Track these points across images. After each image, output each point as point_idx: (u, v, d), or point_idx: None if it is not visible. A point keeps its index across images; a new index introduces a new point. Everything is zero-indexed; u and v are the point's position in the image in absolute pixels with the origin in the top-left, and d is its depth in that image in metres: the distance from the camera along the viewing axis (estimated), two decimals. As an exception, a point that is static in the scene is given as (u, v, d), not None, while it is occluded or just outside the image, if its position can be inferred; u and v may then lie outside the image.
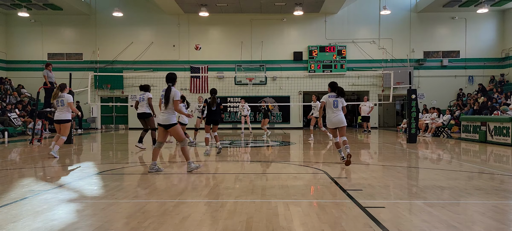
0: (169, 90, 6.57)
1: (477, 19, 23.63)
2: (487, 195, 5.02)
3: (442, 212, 4.15)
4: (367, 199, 4.73)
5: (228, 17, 24.19)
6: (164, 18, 24.15)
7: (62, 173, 6.96)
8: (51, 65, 13.45)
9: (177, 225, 3.72)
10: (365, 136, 16.98)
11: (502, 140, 12.11)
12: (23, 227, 3.68)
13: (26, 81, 23.42)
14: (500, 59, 23.74)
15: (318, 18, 24.19)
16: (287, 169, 7.42)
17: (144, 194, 5.07)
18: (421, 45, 24.04)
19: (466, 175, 6.64)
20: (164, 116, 6.64)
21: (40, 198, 4.89)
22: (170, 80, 6.71)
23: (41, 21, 24.16)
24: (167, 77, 6.72)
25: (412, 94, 13.13)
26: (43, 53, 24.35)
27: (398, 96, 24.09)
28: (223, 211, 4.21)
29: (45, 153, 10.05)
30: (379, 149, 11.33)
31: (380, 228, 3.62)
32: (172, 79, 6.73)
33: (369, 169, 7.25)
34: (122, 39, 24.08)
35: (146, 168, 7.47)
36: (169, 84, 6.66)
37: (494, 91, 20.65)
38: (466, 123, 14.57)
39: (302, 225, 3.72)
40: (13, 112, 18.22)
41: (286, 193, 5.09)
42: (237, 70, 23.83)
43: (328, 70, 23.94)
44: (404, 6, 23.98)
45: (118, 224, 3.79)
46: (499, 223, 3.84)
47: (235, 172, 7.00)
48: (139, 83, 23.92)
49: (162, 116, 6.67)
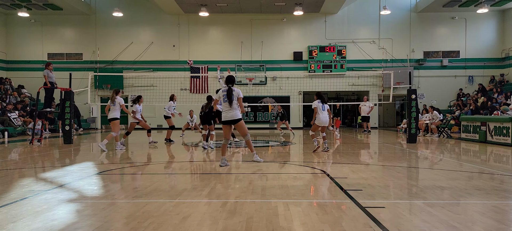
0: (231, 90, 7.33)
1: (477, 19, 23.63)
2: (487, 195, 5.02)
3: (442, 212, 4.15)
4: (367, 199, 4.72)
5: (228, 17, 24.19)
6: (164, 18, 24.16)
7: (62, 173, 6.96)
8: (51, 65, 13.43)
9: (177, 225, 3.72)
10: (365, 136, 16.98)
11: (502, 140, 12.11)
12: (23, 227, 3.68)
13: (26, 81, 23.42)
14: (500, 59, 23.74)
15: (318, 18, 24.19)
16: (287, 169, 7.42)
17: (144, 194, 5.07)
18: (421, 45, 24.05)
19: (466, 175, 6.64)
20: (230, 112, 7.38)
21: (40, 198, 4.89)
22: (231, 82, 7.45)
23: (41, 21, 24.17)
24: (228, 79, 7.47)
25: (412, 94, 13.13)
26: (43, 53, 24.36)
27: (398, 96, 24.09)
28: (223, 211, 4.21)
29: (45, 153, 10.05)
30: (379, 149, 11.33)
31: (380, 228, 3.62)
32: (232, 81, 7.49)
33: (369, 169, 7.25)
34: (122, 39, 24.09)
35: (145, 168, 7.47)
36: (229, 85, 7.38)
37: (494, 91, 20.65)
38: (466, 123, 14.57)
39: (302, 225, 3.72)
40: (14, 113, 18.21)
41: (286, 193, 5.09)
42: (237, 70, 23.83)
43: (328, 70, 23.95)
44: (404, 6, 23.99)
45: (118, 224, 3.78)
46: (499, 223, 3.84)
47: (235, 172, 7.00)
48: (139, 83, 24.06)
49: (227, 113, 7.41)
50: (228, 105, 7.37)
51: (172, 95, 14.31)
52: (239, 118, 7.44)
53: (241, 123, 7.47)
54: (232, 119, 7.40)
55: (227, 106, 7.39)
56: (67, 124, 12.92)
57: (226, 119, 7.43)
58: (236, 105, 7.37)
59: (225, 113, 7.43)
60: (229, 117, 7.39)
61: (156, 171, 7.30)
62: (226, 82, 7.46)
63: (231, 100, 7.32)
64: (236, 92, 7.37)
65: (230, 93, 7.33)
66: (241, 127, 7.50)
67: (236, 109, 7.39)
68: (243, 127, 7.52)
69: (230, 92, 7.33)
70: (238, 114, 7.42)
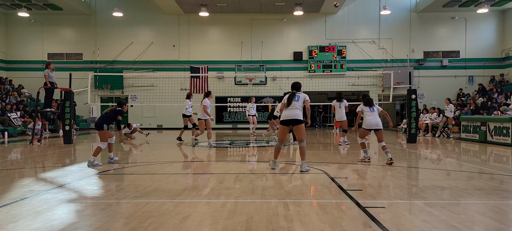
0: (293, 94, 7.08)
1: (477, 19, 23.63)
2: (487, 195, 5.02)
3: (442, 212, 4.15)
4: (367, 199, 4.73)
5: (228, 17, 24.19)
6: (164, 18, 24.16)
7: (62, 173, 6.96)
8: (51, 65, 13.41)
9: (177, 225, 3.72)
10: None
11: (502, 140, 12.11)
12: (23, 227, 3.68)
13: (26, 81, 23.41)
14: (500, 59, 23.74)
15: (318, 18, 24.19)
16: (287, 169, 7.42)
17: (144, 194, 5.07)
18: (421, 45, 24.05)
19: (466, 175, 6.64)
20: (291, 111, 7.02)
21: (40, 198, 4.89)
22: (296, 88, 7.22)
23: (41, 21, 24.16)
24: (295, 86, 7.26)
25: (412, 94, 13.12)
26: (43, 53, 24.35)
27: (398, 96, 24.09)
28: (223, 211, 4.21)
29: (45, 153, 10.05)
30: (379, 149, 11.31)
31: (380, 228, 3.62)
32: (298, 87, 7.25)
33: (369, 169, 7.25)
34: (122, 39, 24.08)
35: (145, 168, 7.47)
36: (294, 91, 7.16)
37: (494, 92, 20.64)
38: (466, 123, 14.56)
39: (302, 225, 3.72)
40: (14, 113, 18.21)
41: (286, 193, 5.09)
42: (237, 70, 23.84)
43: (328, 70, 23.95)
44: (404, 6, 23.99)
45: (118, 224, 3.79)
46: (499, 223, 3.84)
47: (235, 172, 7.00)
48: (139, 83, 24.06)
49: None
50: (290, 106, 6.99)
51: (189, 93, 13.83)
52: (301, 120, 6.98)
53: (302, 126, 7.00)
54: (292, 118, 6.93)
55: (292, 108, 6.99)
56: (67, 124, 12.92)
57: (286, 118, 6.99)
58: (300, 107, 7.02)
59: (286, 113, 7.02)
60: (290, 116, 6.94)
61: (156, 171, 7.30)
62: (293, 88, 7.23)
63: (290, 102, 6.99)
64: (303, 95, 7.10)
65: (292, 97, 7.03)
66: (302, 130, 7.00)
67: (299, 110, 6.99)
68: (303, 130, 7.00)
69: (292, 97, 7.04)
70: (300, 115, 6.99)
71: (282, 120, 7.03)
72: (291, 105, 6.96)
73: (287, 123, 6.99)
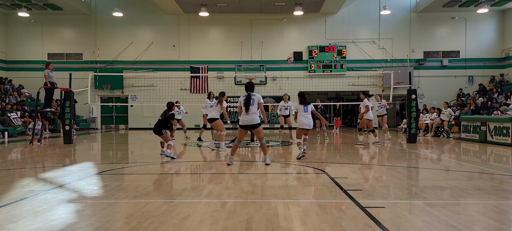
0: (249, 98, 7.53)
1: (477, 19, 23.63)
2: (487, 195, 5.02)
3: (442, 212, 4.15)
4: (367, 199, 4.72)
5: (228, 17, 24.19)
6: (164, 18, 24.16)
7: (62, 173, 6.96)
8: (51, 65, 13.41)
9: (177, 225, 3.72)
10: (365, 136, 16.97)
11: (502, 140, 12.11)
12: (23, 227, 3.68)
13: (26, 81, 23.41)
14: (500, 59, 23.74)
15: (318, 18, 24.19)
16: (287, 169, 7.42)
17: (144, 194, 5.06)
18: (421, 45, 24.05)
19: (466, 175, 6.64)
20: (309, 120, 8.51)
21: (40, 198, 4.89)
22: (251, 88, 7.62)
23: (41, 21, 24.17)
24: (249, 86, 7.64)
25: (412, 94, 13.12)
26: (43, 53, 24.36)
27: (398, 96, 24.09)
28: (223, 211, 4.21)
29: (45, 153, 10.05)
30: (379, 149, 11.32)
31: (380, 228, 3.62)
32: (252, 88, 7.65)
33: (369, 169, 7.25)
34: (122, 39, 24.09)
35: (145, 168, 7.46)
36: (249, 92, 7.57)
37: (494, 91, 20.64)
38: (466, 123, 14.56)
39: (302, 225, 3.72)
40: (14, 113, 18.21)
41: (286, 193, 5.09)
42: (237, 70, 23.84)
43: (328, 70, 23.95)
44: (404, 6, 23.99)
45: (118, 224, 3.78)
46: (499, 223, 3.84)
47: (235, 172, 7.00)
48: (139, 83, 24.07)
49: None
50: (245, 111, 7.49)
51: (210, 93, 13.62)
52: (259, 123, 7.54)
53: (259, 128, 7.54)
54: (250, 124, 7.49)
55: (244, 112, 7.50)
56: (67, 124, 12.92)
57: (244, 123, 7.50)
58: (256, 110, 7.52)
59: (243, 118, 7.52)
60: (249, 121, 7.47)
61: (156, 171, 7.30)
62: (245, 89, 7.63)
63: (248, 107, 7.45)
64: (256, 98, 7.56)
65: (248, 100, 7.48)
66: (259, 131, 7.56)
67: (256, 114, 7.52)
68: (261, 131, 7.56)
69: (248, 99, 7.48)
70: (257, 119, 7.52)
71: (241, 124, 7.55)
72: (249, 110, 7.44)
73: (246, 127, 7.56)
